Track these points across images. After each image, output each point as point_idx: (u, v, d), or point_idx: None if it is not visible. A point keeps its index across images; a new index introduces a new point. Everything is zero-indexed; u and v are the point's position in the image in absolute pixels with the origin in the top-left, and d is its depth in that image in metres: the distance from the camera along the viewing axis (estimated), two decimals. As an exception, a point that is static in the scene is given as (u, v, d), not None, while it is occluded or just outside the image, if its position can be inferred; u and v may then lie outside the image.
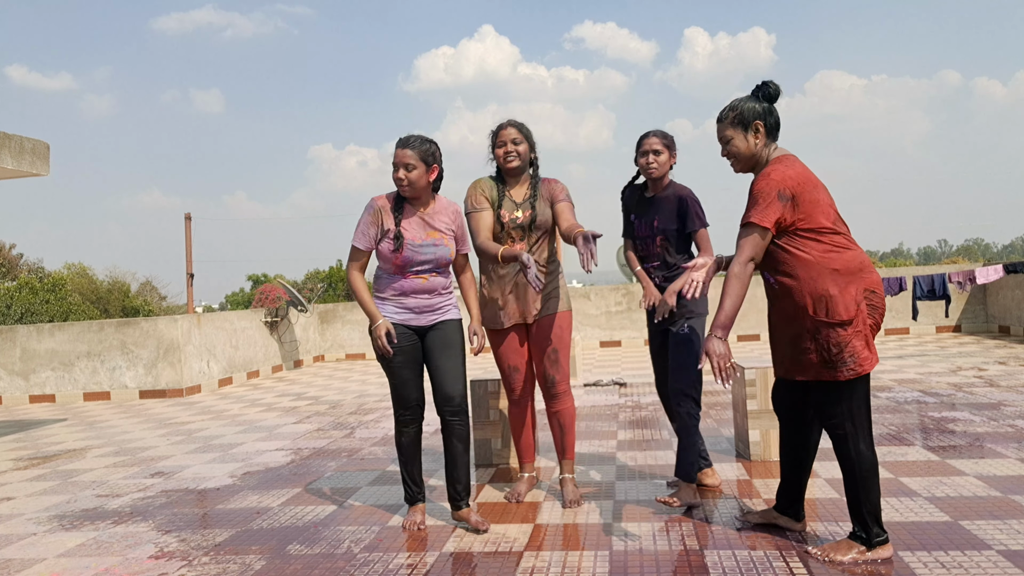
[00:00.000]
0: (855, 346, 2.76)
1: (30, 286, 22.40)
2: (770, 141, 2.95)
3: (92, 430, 7.08)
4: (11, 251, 30.50)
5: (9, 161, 6.52)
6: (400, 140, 3.43)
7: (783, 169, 2.82)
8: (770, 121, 2.93)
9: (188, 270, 18.37)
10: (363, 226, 3.42)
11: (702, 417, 5.80)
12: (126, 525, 3.85)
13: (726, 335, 2.81)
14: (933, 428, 5.01)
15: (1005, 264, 8.48)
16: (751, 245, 2.82)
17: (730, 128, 2.96)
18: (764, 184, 2.80)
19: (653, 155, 3.67)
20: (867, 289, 2.80)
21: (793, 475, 3.12)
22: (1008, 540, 2.94)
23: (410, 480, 3.55)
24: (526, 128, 3.73)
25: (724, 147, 3.00)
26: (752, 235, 2.82)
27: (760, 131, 2.92)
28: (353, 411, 7.22)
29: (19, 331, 9.84)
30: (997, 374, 7.30)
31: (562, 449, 3.81)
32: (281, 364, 11.88)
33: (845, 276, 2.78)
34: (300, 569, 3.08)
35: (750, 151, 2.94)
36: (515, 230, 3.70)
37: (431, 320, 3.50)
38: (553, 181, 3.79)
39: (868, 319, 2.80)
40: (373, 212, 3.43)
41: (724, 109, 3.00)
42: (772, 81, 2.96)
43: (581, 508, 3.65)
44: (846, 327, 2.76)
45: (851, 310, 2.76)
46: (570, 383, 3.79)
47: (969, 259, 64.54)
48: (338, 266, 32.32)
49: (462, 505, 3.47)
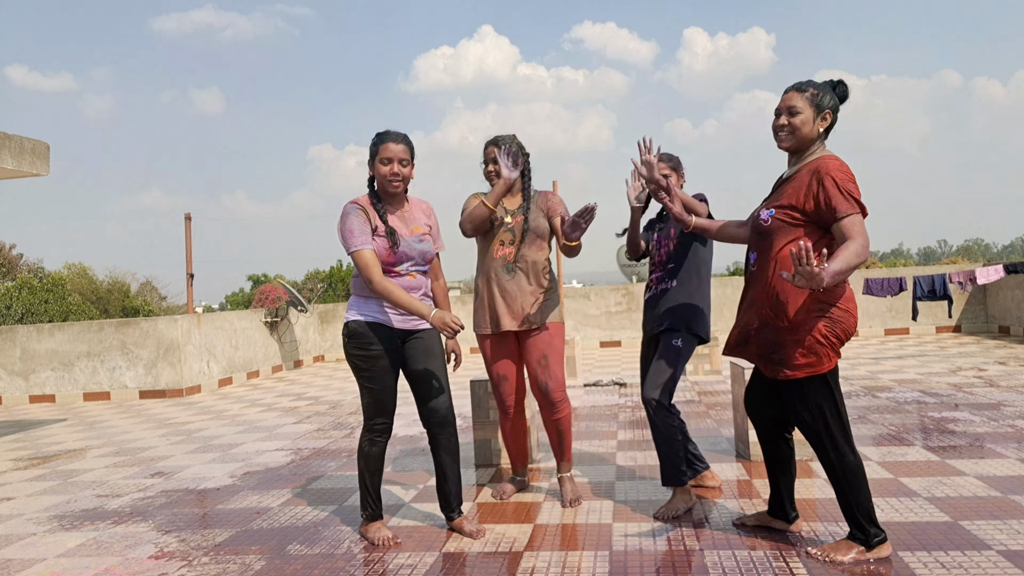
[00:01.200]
0: (788, 353, 2.80)
1: (30, 286, 22.40)
2: (824, 135, 2.91)
3: (92, 430, 7.08)
4: (11, 251, 30.50)
5: (9, 161, 6.52)
6: (389, 134, 3.32)
7: (844, 165, 2.79)
8: (834, 118, 2.89)
9: (188, 270, 18.34)
10: (358, 229, 3.22)
11: (703, 417, 5.80)
12: (126, 525, 3.85)
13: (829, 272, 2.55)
14: (933, 428, 5.01)
15: (1005, 264, 8.48)
16: (864, 229, 2.71)
17: (804, 101, 2.85)
18: (845, 175, 2.74)
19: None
20: (826, 302, 2.77)
21: (775, 477, 3.13)
22: (1008, 540, 2.94)
23: (373, 494, 3.38)
24: (505, 142, 3.72)
25: (787, 115, 2.86)
26: (862, 223, 2.72)
27: (827, 120, 2.86)
28: (353, 411, 7.22)
29: (19, 331, 9.84)
30: (997, 374, 7.30)
31: (560, 452, 3.82)
32: (281, 364, 11.87)
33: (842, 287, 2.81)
34: (300, 569, 3.08)
35: (812, 134, 2.85)
36: (504, 233, 3.71)
37: (414, 325, 3.36)
38: (550, 194, 3.80)
39: (822, 330, 2.76)
40: (360, 213, 3.26)
41: (805, 82, 2.88)
42: (846, 83, 2.92)
43: (581, 508, 3.65)
44: (786, 332, 2.79)
45: (795, 318, 2.78)
46: (566, 391, 3.78)
47: (969, 259, 64.46)
48: (339, 266, 32.33)
49: (455, 515, 3.42)
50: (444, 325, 3.10)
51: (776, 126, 2.90)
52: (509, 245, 3.72)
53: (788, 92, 2.89)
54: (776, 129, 2.90)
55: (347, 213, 3.26)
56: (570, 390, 7.71)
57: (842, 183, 2.73)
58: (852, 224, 2.70)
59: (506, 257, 3.72)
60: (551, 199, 3.78)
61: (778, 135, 2.90)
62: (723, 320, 12.51)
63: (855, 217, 2.71)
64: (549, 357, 3.71)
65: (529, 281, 3.72)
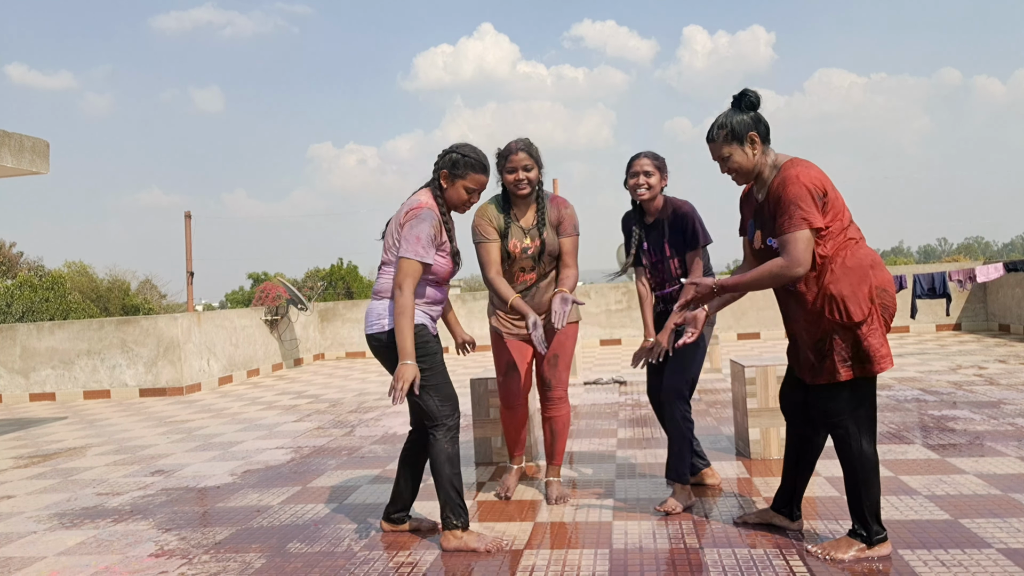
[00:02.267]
0: (871, 344, 2.75)
1: (30, 284, 22.40)
2: (766, 147, 2.92)
3: (92, 428, 7.08)
4: (11, 249, 30.50)
5: (9, 159, 6.52)
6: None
7: (806, 171, 2.77)
8: (761, 129, 2.90)
9: (188, 268, 18.33)
10: (425, 239, 3.06)
11: (703, 415, 5.80)
12: (126, 523, 3.85)
13: (714, 300, 3.09)
14: (933, 426, 5.01)
15: (1005, 262, 8.49)
16: (806, 250, 2.72)
17: (725, 146, 2.91)
18: (797, 189, 2.73)
19: (644, 176, 3.54)
20: (879, 287, 2.78)
21: (792, 475, 3.12)
22: (1008, 538, 2.94)
23: (463, 498, 3.17)
24: (536, 151, 3.58)
25: (724, 165, 2.95)
26: (806, 237, 2.72)
27: (756, 141, 2.89)
28: (353, 409, 7.23)
29: (19, 329, 9.85)
30: (997, 372, 7.30)
31: (551, 454, 3.83)
32: (281, 362, 11.88)
33: (858, 273, 2.76)
34: (300, 567, 3.08)
35: (751, 163, 2.90)
36: (525, 261, 3.66)
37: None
38: (561, 203, 3.68)
39: (881, 317, 2.79)
40: (436, 224, 3.13)
41: (712, 129, 2.95)
42: (750, 89, 2.93)
43: (581, 507, 3.65)
44: (860, 327, 2.75)
45: (864, 309, 2.75)
46: (567, 391, 3.79)
47: (969, 257, 64.50)
48: (339, 264, 32.30)
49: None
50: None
51: (725, 173, 3.00)
52: (530, 272, 3.69)
53: (710, 146, 2.98)
54: (727, 174, 3.00)
55: (423, 218, 3.12)
56: (571, 388, 7.72)
57: (793, 199, 2.73)
58: (784, 243, 2.75)
59: (527, 283, 3.71)
60: (563, 212, 3.66)
61: (731, 178, 3.00)
62: (723, 320, 12.52)
63: (791, 235, 2.73)
64: (560, 357, 3.73)
65: (548, 291, 3.72)
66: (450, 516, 3.13)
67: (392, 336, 3.09)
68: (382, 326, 3.14)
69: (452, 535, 3.13)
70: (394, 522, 3.44)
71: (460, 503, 3.14)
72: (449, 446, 3.12)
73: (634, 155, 3.62)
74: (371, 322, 3.19)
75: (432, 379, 3.12)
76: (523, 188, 3.56)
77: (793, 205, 2.73)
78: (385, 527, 3.44)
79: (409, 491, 3.40)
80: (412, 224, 3.08)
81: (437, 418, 3.13)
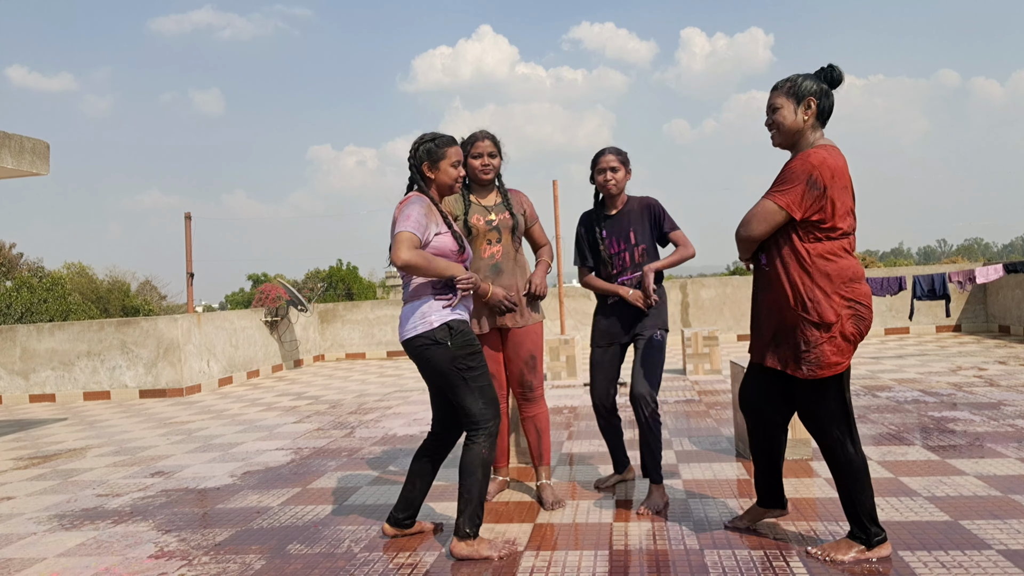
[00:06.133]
0: (824, 350, 2.76)
1: (30, 285, 22.39)
2: (818, 124, 2.87)
3: (92, 429, 7.08)
4: (11, 250, 30.49)
5: (9, 160, 6.52)
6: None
7: (825, 155, 2.75)
8: (824, 103, 2.85)
9: (188, 269, 18.35)
10: (416, 215, 3.07)
11: (703, 416, 5.80)
12: (126, 524, 3.85)
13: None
14: (933, 428, 5.01)
15: (1005, 264, 8.48)
16: (759, 219, 2.76)
17: (782, 96, 2.86)
18: (800, 164, 2.74)
19: (611, 172, 3.70)
20: (854, 300, 2.78)
21: (766, 467, 3.10)
22: (1008, 540, 2.94)
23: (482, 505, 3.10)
24: (499, 140, 3.79)
25: (770, 115, 2.90)
26: (765, 209, 2.75)
27: (812, 108, 2.83)
28: (353, 411, 7.22)
29: (19, 330, 9.84)
30: (997, 374, 7.30)
31: (539, 454, 3.83)
32: (281, 364, 11.88)
33: (835, 283, 2.77)
34: (300, 568, 3.08)
35: (796, 125, 2.85)
36: (491, 232, 3.72)
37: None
38: (520, 193, 3.92)
39: (850, 328, 2.78)
40: (426, 205, 3.14)
41: (782, 79, 2.91)
42: (837, 66, 2.87)
43: (581, 507, 3.65)
44: (822, 329, 2.76)
45: (830, 316, 2.76)
46: (543, 389, 3.86)
47: (969, 258, 64.52)
48: (338, 265, 32.23)
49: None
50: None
51: (766, 125, 2.96)
52: (496, 244, 3.74)
53: (771, 93, 2.94)
54: (767, 128, 2.96)
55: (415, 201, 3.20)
56: (570, 389, 7.72)
57: (788, 172, 2.77)
58: (753, 210, 2.85)
59: (494, 255, 3.73)
60: (524, 202, 3.91)
61: (770, 134, 2.96)
62: (723, 320, 12.52)
63: (760, 201, 2.82)
64: (536, 357, 3.81)
65: (517, 278, 3.74)
66: (466, 524, 3.04)
67: (421, 340, 3.05)
68: (415, 329, 3.08)
69: (465, 544, 3.05)
70: (403, 526, 3.35)
71: (480, 512, 3.05)
72: (487, 452, 3.03)
73: (599, 152, 3.80)
74: (403, 328, 3.14)
75: (479, 380, 3.06)
76: (488, 173, 3.75)
77: (785, 177, 2.77)
78: (388, 531, 3.37)
79: (422, 495, 3.35)
80: (402, 209, 3.13)
81: (479, 421, 3.05)
